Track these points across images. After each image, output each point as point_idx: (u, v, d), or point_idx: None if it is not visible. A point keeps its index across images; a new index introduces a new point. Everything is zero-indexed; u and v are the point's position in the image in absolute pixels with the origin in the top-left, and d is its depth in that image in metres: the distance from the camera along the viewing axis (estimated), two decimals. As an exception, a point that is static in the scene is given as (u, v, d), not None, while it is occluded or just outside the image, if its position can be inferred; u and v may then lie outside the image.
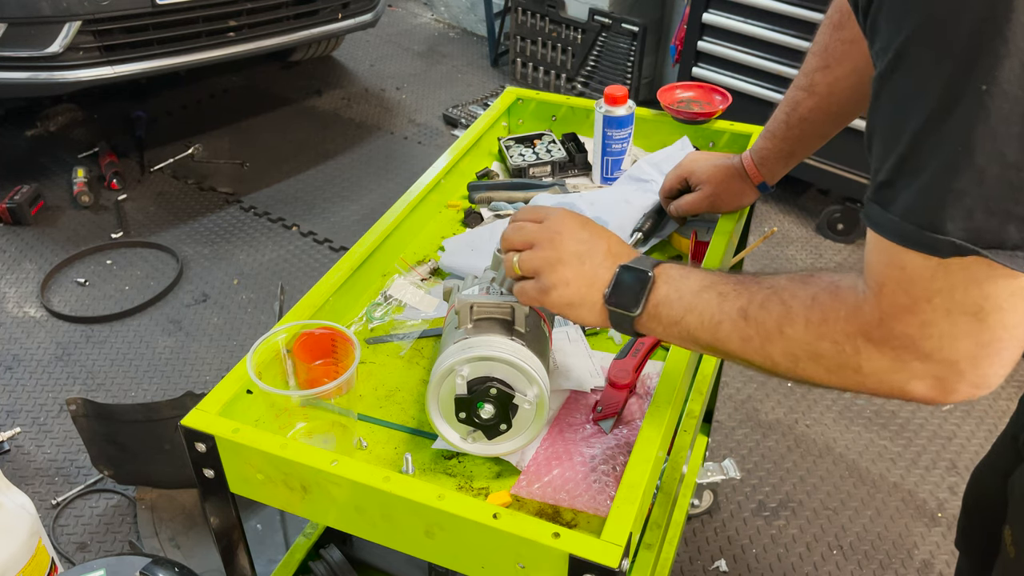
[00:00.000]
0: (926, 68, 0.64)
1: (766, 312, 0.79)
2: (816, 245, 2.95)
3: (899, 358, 0.72)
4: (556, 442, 1.02)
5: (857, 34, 1.13)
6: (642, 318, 0.88)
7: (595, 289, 0.90)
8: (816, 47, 1.19)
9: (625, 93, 1.47)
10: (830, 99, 1.19)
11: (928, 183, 0.66)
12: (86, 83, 2.86)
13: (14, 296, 2.68)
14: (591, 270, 0.90)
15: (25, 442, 2.16)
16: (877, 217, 0.70)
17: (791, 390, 2.35)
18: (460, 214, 1.47)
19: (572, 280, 0.90)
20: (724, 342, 0.83)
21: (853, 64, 1.15)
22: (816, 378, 0.79)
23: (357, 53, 4.35)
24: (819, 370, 0.77)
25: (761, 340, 0.80)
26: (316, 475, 0.91)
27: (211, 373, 2.39)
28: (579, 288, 0.90)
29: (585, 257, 0.90)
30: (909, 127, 0.66)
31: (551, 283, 0.90)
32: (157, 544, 1.87)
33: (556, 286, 0.90)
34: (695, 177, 1.32)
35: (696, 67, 3.12)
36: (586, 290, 0.90)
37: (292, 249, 2.92)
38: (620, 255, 0.91)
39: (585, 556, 0.80)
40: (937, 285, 0.67)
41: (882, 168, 0.70)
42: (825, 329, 0.75)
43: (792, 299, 0.78)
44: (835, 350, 0.75)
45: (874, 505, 2.03)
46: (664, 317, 0.86)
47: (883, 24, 0.68)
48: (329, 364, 1.04)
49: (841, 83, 1.17)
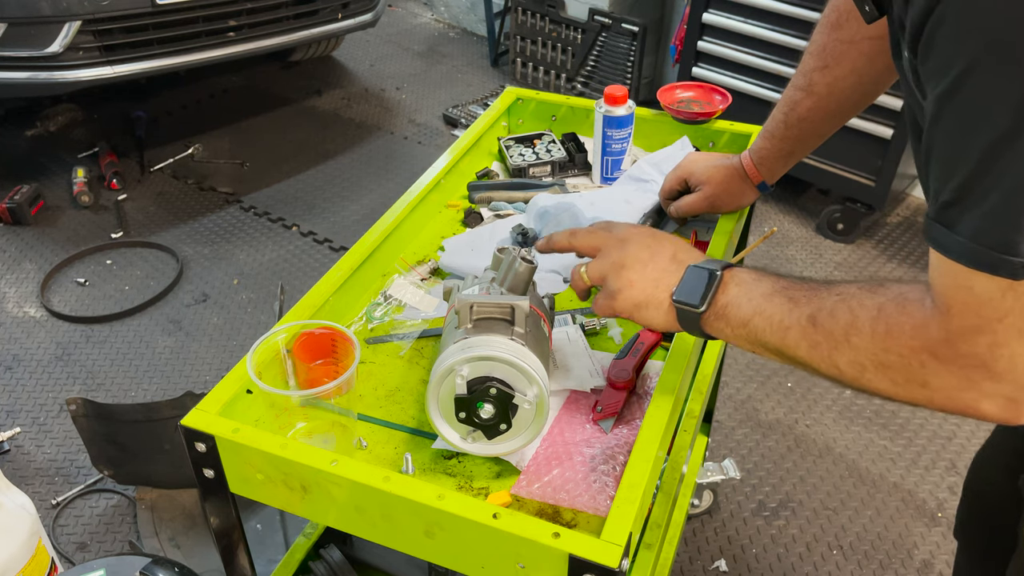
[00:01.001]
0: (995, 88, 0.63)
1: (834, 320, 0.79)
2: (816, 245, 2.95)
3: (968, 377, 0.71)
4: (556, 442, 1.02)
5: (855, 35, 1.13)
6: (708, 317, 0.88)
7: (661, 288, 0.91)
8: (813, 47, 1.18)
9: (625, 93, 1.47)
10: (828, 99, 1.19)
11: (999, 204, 0.65)
12: (86, 83, 2.86)
13: (14, 296, 2.68)
14: (656, 272, 0.92)
15: (25, 442, 2.16)
16: (942, 239, 0.69)
17: (791, 390, 2.35)
18: (460, 214, 1.47)
19: (637, 281, 0.92)
20: (792, 348, 0.83)
21: (851, 64, 1.15)
22: (884, 390, 0.78)
23: (357, 53, 4.35)
24: (886, 382, 0.77)
25: (828, 348, 0.79)
26: (316, 475, 0.91)
27: (211, 373, 2.39)
28: (644, 288, 0.92)
29: (649, 261, 0.93)
30: (976, 147, 0.65)
31: (617, 287, 0.93)
32: (157, 544, 1.87)
33: (622, 289, 0.93)
34: (695, 178, 1.32)
35: (696, 67, 3.12)
36: (652, 290, 0.92)
37: (292, 249, 2.92)
38: (688, 259, 0.93)
39: (585, 556, 0.80)
40: (1008, 305, 0.67)
41: (944, 188, 0.69)
42: (890, 342, 0.75)
43: (860, 308, 0.77)
44: (901, 363, 0.74)
45: (874, 505, 2.03)
46: (732, 318, 0.87)
47: (943, 41, 0.66)
48: (329, 364, 1.04)
49: (840, 83, 1.17)
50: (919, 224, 3.06)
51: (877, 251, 2.92)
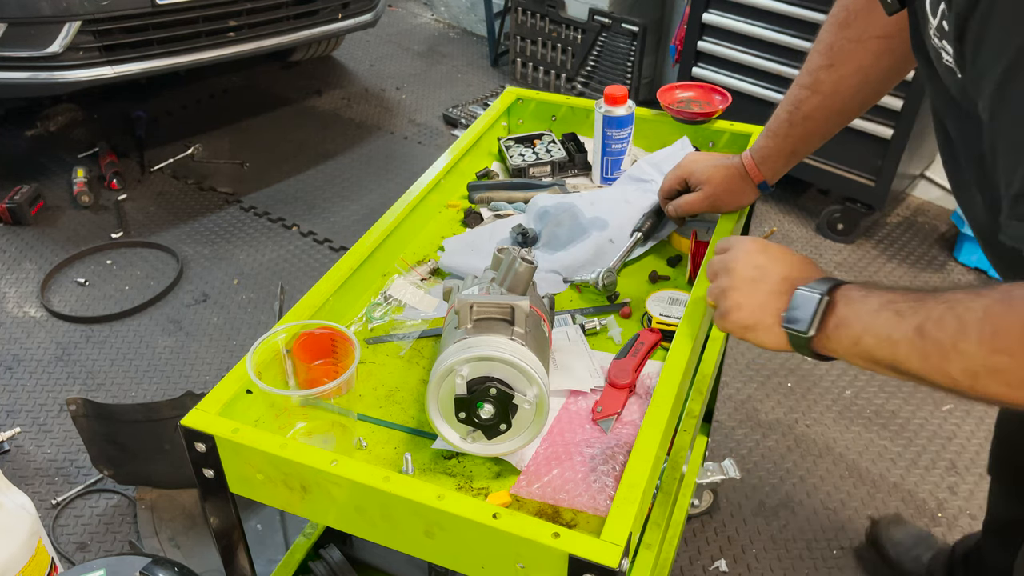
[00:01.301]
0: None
1: (941, 329, 0.77)
2: (816, 245, 2.95)
3: None
4: (556, 442, 1.02)
5: (863, 34, 1.13)
6: (819, 339, 0.88)
7: (768, 313, 0.92)
8: (820, 45, 1.18)
9: (625, 93, 1.47)
10: (834, 97, 1.19)
11: None
12: (86, 83, 2.86)
13: (14, 296, 2.68)
14: (764, 296, 0.93)
15: (25, 442, 2.16)
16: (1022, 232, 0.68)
17: (791, 390, 2.35)
18: (460, 214, 1.47)
19: (744, 304, 0.94)
20: (903, 362, 0.81)
21: (858, 63, 1.15)
22: (1000, 395, 0.76)
23: (357, 53, 4.35)
24: (1001, 386, 0.75)
25: (939, 358, 0.78)
26: (316, 475, 0.91)
27: (211, 373, 2.39)
28: (752, 312, 0.94)
29: (758, 282, 0.94)
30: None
31: (725, 309, 0.96)
32: (157, 544, 1.87)
33: (730, 311, 0.95)
34: (695, 177, 1.32)
35: (696, 67, 3.12)
36: (760, 314, 0.93)
37: (292, 249, 2.92)
38: (800, 279, 0.92)
39: (585, 556, 0.80)
40: None
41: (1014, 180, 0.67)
42: (998, 343, 0.73)
43: (966, 312, 0.75)
44: (1013, 364, 0.72)
45: (874, 505, 2.03)
46: (843, 339, 0.86)
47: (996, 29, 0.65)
48: (329, 364, 1.04)
49: (845, 81, 1.17)
50: (919, 224, 3.07)
51: (877, 251, 2.92)
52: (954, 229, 2.96)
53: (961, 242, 2.85)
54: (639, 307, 1.25)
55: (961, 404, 2.29)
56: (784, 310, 0.91)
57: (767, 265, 0.95)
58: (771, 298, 0.93)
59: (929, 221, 3.09)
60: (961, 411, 2.28)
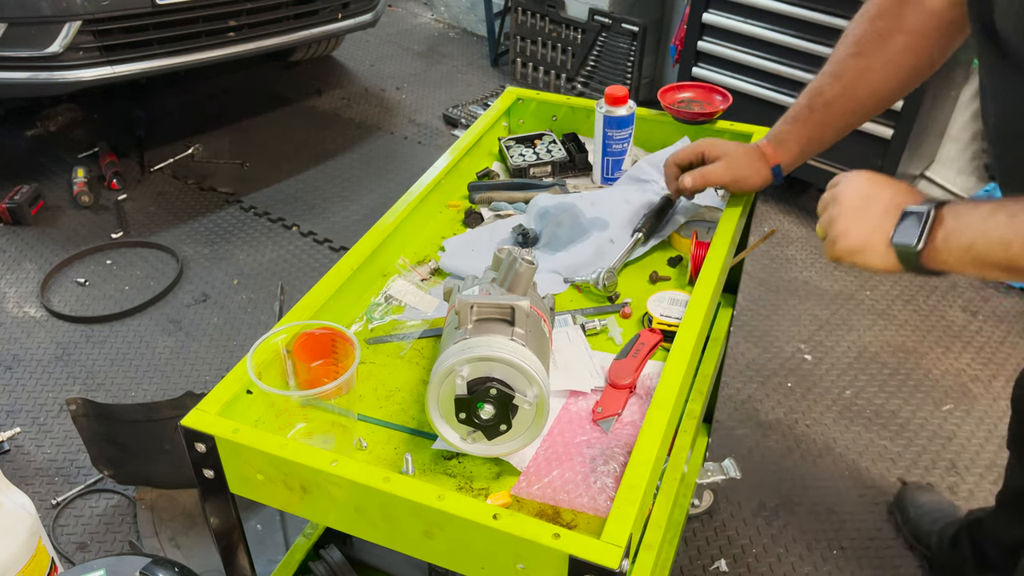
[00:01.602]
0: None
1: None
2: (816, 245, 2.95)
3: None
4: (556, 442, 1.02)
5: (893, 28, 1.17)
6: (928, 253, 0.94)
7: (877, 234, 0.98)
8: (848, 38, 1.22)
9: (625, 93, 1.47)
10: (856, 88, 1.22)
11: None
12: (86, 83, 2.86)
13: (14, 296, 2.68)
14: (872, 219, 0.99)
15: (25, 442, 2.16)
16: None
17: (791, 390, 2.35)
18: (460, 214, 1.47)
19: (852, 230, 1.00)
20: (1018, 258, 0.87)
21: (887, 57, 1.19)
22: None
23: (357, 53, 4.35)
24: None
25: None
26: (316, 475, 0.91)
27: (211, 373, 2.39)
28: (860, 235, 0.99)
29: (863, 209, 1.00)
30: None
31: (833, 236, 1.02)
32: (157, 544, 1.87)
33: (838, 238, 1.01)
34: (713, 150, 1.34)
35: (696, 67, 3.12)
36: (868, 236, 0.99)
37: (292, 249, 2.92)
38: (906, 202, 0.98)
39: (585, 557, 0.80)
40: None
41: None
42: None
43: None
44: None
45: (874, 505, 2.03)
46: (954, 248, 0.92)
47: None
48: (329, 364, 1.04)
49: (871, 73, 1.21)
50: (919, 224, 3.06)
51: (877, 251, 2.92)
52: (954, 229, 2.96)
53: (961, 242, 2.85)
54: (639, 307, 1.25)
55: (961, 404, 2.29)
56: (892, 231, 0.96)
57: (874, 192, 1.01)
58: (879, 221, 0.98)
59: (929, 221, 3.09)
60: (961, 411, 2.28)
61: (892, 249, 0.97)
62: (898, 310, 2.66)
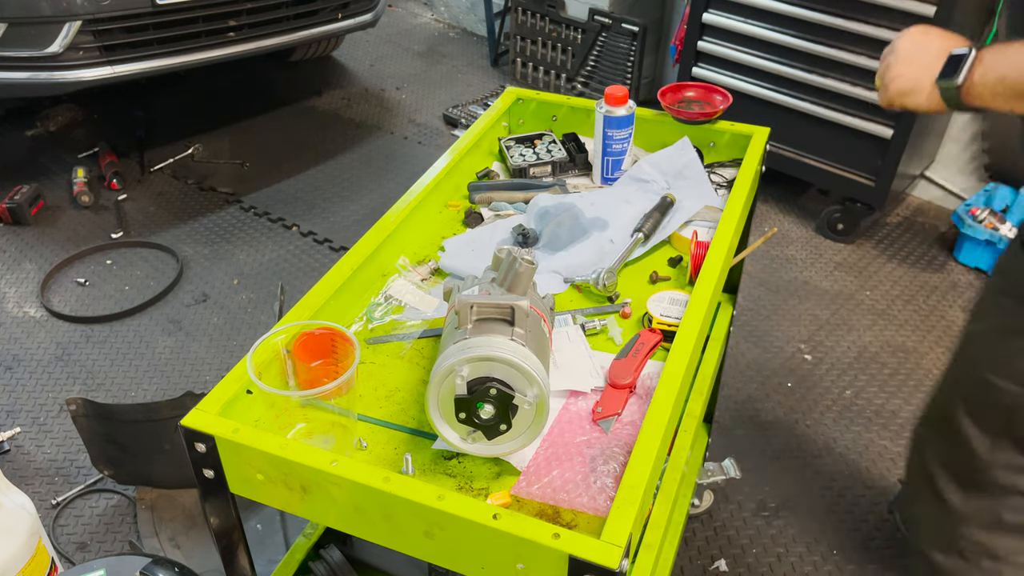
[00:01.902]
0: None
1: None
2: (816, 245, 2.95)
3: None
4: (556, 442, 1.02)
5: None
6: (967, 88, 1.03)
7: (925, 76, 1.09)
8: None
9: (625, 93, 1.47)
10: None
11: None
12: (86, 83, 2.86)
13: (14, 296, 2.68)
14: (923, 64, 1.09)
15: (25, 442, 2.16)
16: None
17: (791, 390, 2.35)
18: (460, 214, 1.47)
19: (904, 72, 1.11)
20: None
21: None
22: None
23: (357, 53, 4.35)
24: None
25: None
26: (316, 475, 0.91)
27: (211, 373, 2.39)
28: (910, 77, 1.10)
29: (915, 54, 1.11)
30: None
31: (887, 80, 1.13)
32: (157, 544, 1.87)
33: (892, 80, 1.13)
34: None
35: (696, 67, 3.12)
36: (917, 79, 1.10)
37: (292, 249, 2.92)
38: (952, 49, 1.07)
39: (585, 557, 0.80)
40: None
41: None
42: None
43: None
44: None
45: (875, 505, 2.03)
46: (990, 81, 1.02)
47: None
48: (329, 364, 1.04)
49: None
50: (919, 224, 3.07)
51: (877, 251, 2.92)
52: (954, 229, 2.96)
53: (961, 242, 2.85)
54: (639, 307, 1.25)
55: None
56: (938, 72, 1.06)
57: (925, 41, 1.11)
58: (928, 65, 1.08)
59: (929, 221, 3.09)
60: (961, 411, 2.28)
61: (937, 88, 1.06)
62: (898, 310, 2.66)
